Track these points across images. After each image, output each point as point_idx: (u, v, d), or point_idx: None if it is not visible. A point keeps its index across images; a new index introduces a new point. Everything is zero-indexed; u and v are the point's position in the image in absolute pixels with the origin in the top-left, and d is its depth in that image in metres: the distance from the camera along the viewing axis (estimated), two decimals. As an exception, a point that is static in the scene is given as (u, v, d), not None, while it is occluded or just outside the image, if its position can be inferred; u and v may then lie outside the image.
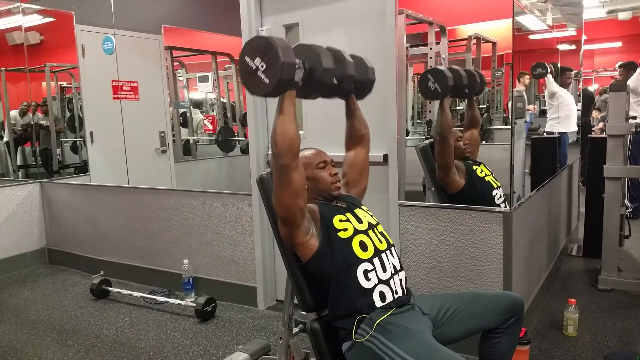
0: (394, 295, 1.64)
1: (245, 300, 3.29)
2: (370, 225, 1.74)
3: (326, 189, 1.77)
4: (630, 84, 4.14)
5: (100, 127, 4.32)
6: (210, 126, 4.56)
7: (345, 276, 1.62)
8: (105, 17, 4.07)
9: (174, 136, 4.52)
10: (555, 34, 4.38)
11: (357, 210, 1.77)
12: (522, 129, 2.89)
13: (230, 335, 2.89)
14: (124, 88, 4.24)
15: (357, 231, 1.68)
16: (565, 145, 4.19)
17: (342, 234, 1.65)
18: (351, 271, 1.62)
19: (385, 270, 1.66)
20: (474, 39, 3.48)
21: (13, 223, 4.27)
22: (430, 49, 3.07)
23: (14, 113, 4.99)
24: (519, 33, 2.90)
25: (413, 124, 3.76)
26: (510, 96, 2.63)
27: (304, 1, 2.95)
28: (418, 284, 2.56)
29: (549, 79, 4.15)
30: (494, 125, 3.36)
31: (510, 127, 2.53)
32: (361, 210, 1.80)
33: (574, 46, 5.09)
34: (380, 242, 1.71)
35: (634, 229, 3.70)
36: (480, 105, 3.62)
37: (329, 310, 1.70)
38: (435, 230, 2.56)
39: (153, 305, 3.35)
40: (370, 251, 1.66)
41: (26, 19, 4.52)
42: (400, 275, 1.71)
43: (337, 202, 1.81)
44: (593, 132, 5.98)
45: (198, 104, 4.84)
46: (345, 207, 1.77)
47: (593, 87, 9.41)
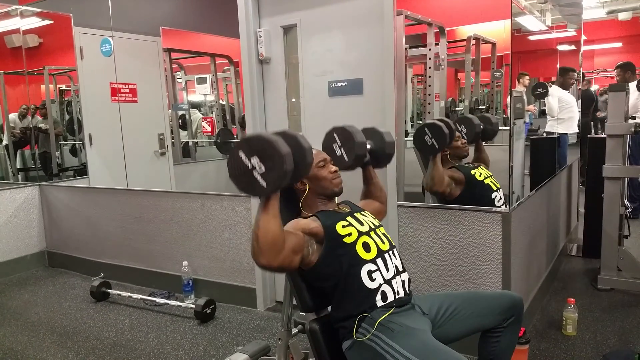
0: (395, 295, 1.65)
1: (244, 302, 3.29)
2: (372, 227, 1.75)
3: (328, 186, 1.78)
4: (630, 103, 3.93)
5: (99, 130, 4.31)
6: (208, 128, 4.55)
7: (350, 280, 1.63)
8: (104, 19, 4.08)
9: (172, 138, 4.52)
10: (555, 35, 4.39)
11: (358, 214, 1.78)
12: (522, 129, 2.89)
13: (230, 336, 2.89)
14: (122, 90, 4.23)
15: (361, 233, 1.69)
16: (564, 146, 4.19)
17: (348, 239, 1.65)
18: (356, 273, 1.62)
19: (388, 270, 1.66)
20: (474, 39, 3.49)
21: (13, 226, 4.26)
22: (430, 49, 3.07)
23: (13, 116, 4.98)
24: (519, 34, 2.89)
25: (412, 125, 3.77)
26: (509, 96, 2.63)
27: (302, 2, 2.95)
28: (417, 284, 2.54)
29: (549, 100, 4.16)
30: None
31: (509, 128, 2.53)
32: (361, 214, 1.81)
33: (573, 47, 5.10)
34: (383, 243, 1.71)
35: (634, 229, 3.70)
36: (480, 106, 3.63)
37: (332, 313, 1.70)
38: (434, 231, 2.56)
39: (153, 307, 3.35)
40: (374, 252, 1.66)
41: (24, 22, 4.52)
42: (403, 277, 1.71)
43: (340, 205, 1.83)
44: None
45: (197, 104, 4.84)
46: (347, 212, 1.78)
47: (593, 88, 9.35)
